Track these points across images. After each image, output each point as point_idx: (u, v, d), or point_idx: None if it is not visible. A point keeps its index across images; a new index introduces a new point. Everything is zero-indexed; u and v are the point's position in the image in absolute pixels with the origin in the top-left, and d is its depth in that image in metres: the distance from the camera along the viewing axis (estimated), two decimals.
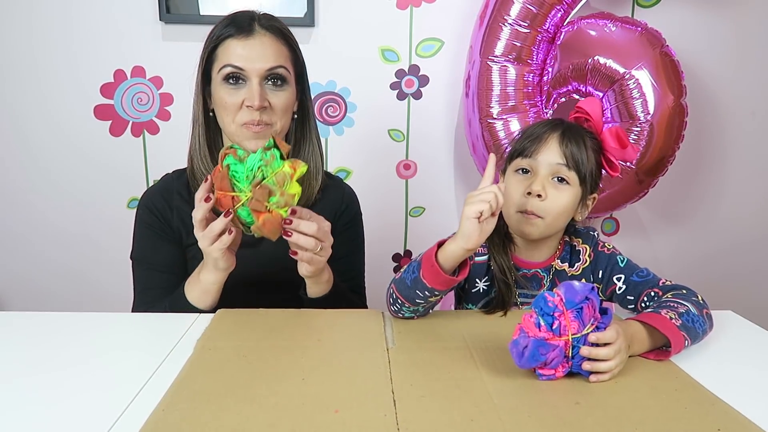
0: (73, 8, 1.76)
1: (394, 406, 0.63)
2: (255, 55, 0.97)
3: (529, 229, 0.92)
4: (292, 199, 0.83)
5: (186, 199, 1.04)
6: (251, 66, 0.96)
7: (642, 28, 1.59)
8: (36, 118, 1.83)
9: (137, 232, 1.06)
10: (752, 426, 0.61)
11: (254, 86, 0.96)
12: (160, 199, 1.05)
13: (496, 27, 1.62)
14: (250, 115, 0.97)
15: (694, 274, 2.01)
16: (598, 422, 0.61)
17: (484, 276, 0.98)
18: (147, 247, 1.04)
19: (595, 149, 0.94)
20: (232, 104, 0.97)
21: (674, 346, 0.75)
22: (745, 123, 1.92)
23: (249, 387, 0.66)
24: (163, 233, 1.04)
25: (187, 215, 0.99)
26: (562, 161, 0.89)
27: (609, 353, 0.69)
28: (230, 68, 0.96)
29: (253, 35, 0.97)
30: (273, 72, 0.98)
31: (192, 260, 1.03)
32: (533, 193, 0.89)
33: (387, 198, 1.94)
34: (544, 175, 0.90)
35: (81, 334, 0.85)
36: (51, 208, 1.90)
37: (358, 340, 0.82)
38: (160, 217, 1.03)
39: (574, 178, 0.91)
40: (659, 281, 0.90)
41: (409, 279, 0.82)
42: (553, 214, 0.90)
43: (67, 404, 0.65)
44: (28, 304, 1.95)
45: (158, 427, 0.58)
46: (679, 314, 0.78)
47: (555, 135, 0.91)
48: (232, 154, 0.83)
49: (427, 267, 0.79)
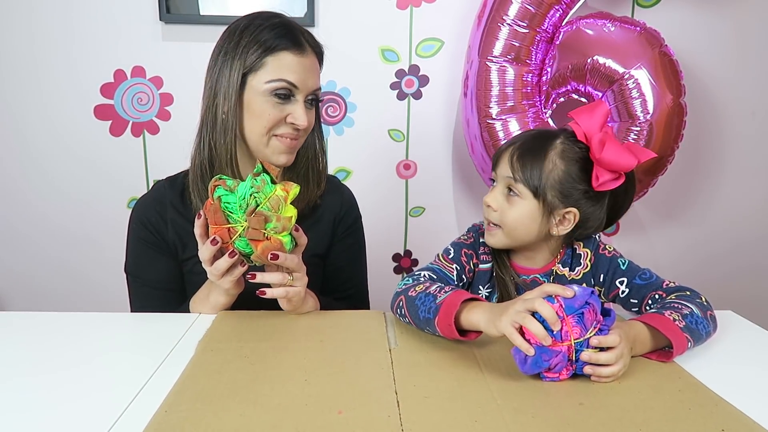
0: (73, 8, 1.75)
1: (397, 406, 0.63)
2: (308, 74, 0.96)
3: (489, 240, 0.93)
4: (288, 222, 0.81)
5: (180, 212, 1.00)
6: (304, 85, 0.95)
7: (641, 28, 1.59)
8: (36, 118, 1.83)
9: (131, 245, 1.02)
10: (756, 427, 0.61)
11: (302, 105, 0.95)
12: (154, 212, 1.00)
13: (494, 27, 1.62)
14: (290, 131, 0.96)
15: (695, 274, 2.02)
16: (602, 423, 0.61)
17: (487, 283, 0.98)
18: (142, 263, 1.01)
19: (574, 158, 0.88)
20: (275, 118, 0.95)
21: (676, 348, 0.74)
22: (745, 123, 1.93)
23: (251, 388, 0.66)
24: (158, 248, 1.00)
25: (183, 228, 0.99)
26: (510, 174, 0.89)
27: (610, 358, 0.69)
28: (284, 83, 0.93)
29: (307, 53, 0.96)
30: (314, 92, 0.98)
31: (189, 274, 1.01)
32: (485, 203, 0.92)
33: (387, 198, 1.94)
34: (499, 187, 0.92)
35: (81, 334, 0.85)
36: (51, 208, 1.89)
37: (361, 341, 0.81)
38: (154, 232, 1.00)
39: (524, 190, 0.88)
40: (663, 283, 0.90)
41: (422, 314, 0.80)
42: (509, 224, 0.90)
43: (67, 404, 0.64)
44: (28, 304, 1.95)
45: (161, 428, 0.58)
46: (683, 315, 0.78)
47: (512, 148, 0.91)
48: (222, 185, 0.81)
49: (444, 322, 0.76)
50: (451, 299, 0.77)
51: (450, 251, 0.97)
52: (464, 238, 1.00)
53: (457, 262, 0.95)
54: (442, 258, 0.97)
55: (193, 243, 0.93)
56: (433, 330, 0.79)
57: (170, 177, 1.06)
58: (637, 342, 0.75)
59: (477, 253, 0.98)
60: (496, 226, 0.91)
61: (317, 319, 0.90)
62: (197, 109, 0.99)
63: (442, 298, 0.78)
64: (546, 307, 0.68)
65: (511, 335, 0.69)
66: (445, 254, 0.97)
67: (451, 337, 0.77)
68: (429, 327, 0.80)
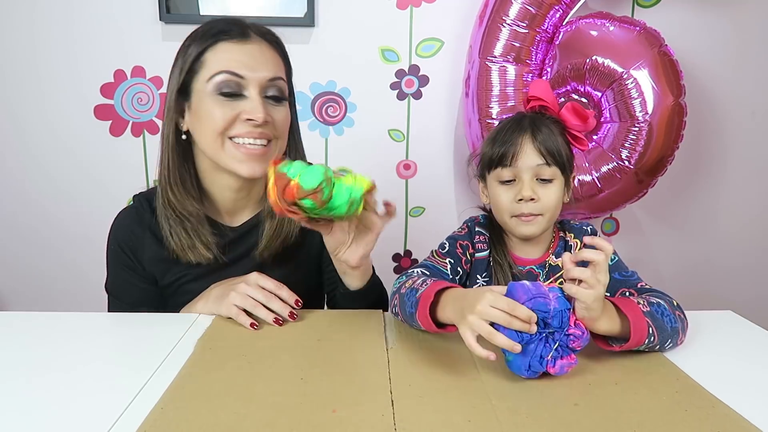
0: (73, 8, 1.76)
1: (392, 406, 0.63)
2: (255, 62, 0.85)
3: (531, 229, 0.94)
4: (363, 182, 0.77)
5: (159, 239, 0.93)
6: (252, 74, 0.84)
7: (641, 28, 1.59)
8: (36, 118, 1.83)
9: (110, 265, 0.98)
10: (753, 429, 0.60)
11: (255, 97, 0.84)
12: (131, 236, 0.95)
13: (495, 27, 1.62)
14: (247, 129, 0.85)
15: (695, 274, 2.01)
16: (597, 424, 0.61)
17: (485, 271, 0.99)
18: (120, 284, 0.98)
19: (560, 131, 0.95)
20: (224, 119, 0.84)
21: (635, 332, 0.71)
22: (745, 123, 1.92)
23: (247, 386, 0.67)
24: (135, 272, 0.96)
25: (159, 256, 0.93)
26: (542, 161, 0.91)
27: (588, 274, 0.68)
28: (226, 75, 0.83)
29: (251, 40, 0.86)
30: (274, 84, 0.87)
31: (172, 296, 0.97)
32: (525, 199, 0.91)
33: (387, 198, 1.93)
34: (528, 179, 0.92)
35: (81, 334, 0.85)
36: (51, 208, 1.90)
37: (358, 341, 0.82)
38: (131, 256, 0.95)
39: (556, 171, 0.93)
40: (638, 283, 0.90)
41: (408, 308, 0.79)
42: (550, 209, 0.93)
43: (67, 404, 0.65)
44: (29, 304, 1.95)
45: (157, 426, 0.58)
46: (649, 303, 0.77)
47: (526, 137, 0.92)
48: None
49: (422, 314, 0.75)
50: (427, 292, 0.75)
51: (445, 245, 0.98)
52: (458, 230, 1.02)
53: (451, 256, 0.96)
54: (436, 254, 0.97)
55: (174, 268, 0.92)
56: (418, 325, 0.78)
57: (148, 193, 0.99)
58: (606, 311, 0.72)
59: (473, 243, 0.99)
60: (536, 215, 0.93)
61: (316, 318, 0.90)
62: None
63: (420, 291, 0.77)
64: (497, 312, 0.65)
65: (470, 346, 0.66)
66: (440, 249, 0.98)
67: (432, 331, 0.76)
68: (414, 322, 0.78)
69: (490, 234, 1.00)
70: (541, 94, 0.96)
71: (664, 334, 0.76)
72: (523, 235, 0.95)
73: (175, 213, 0.90)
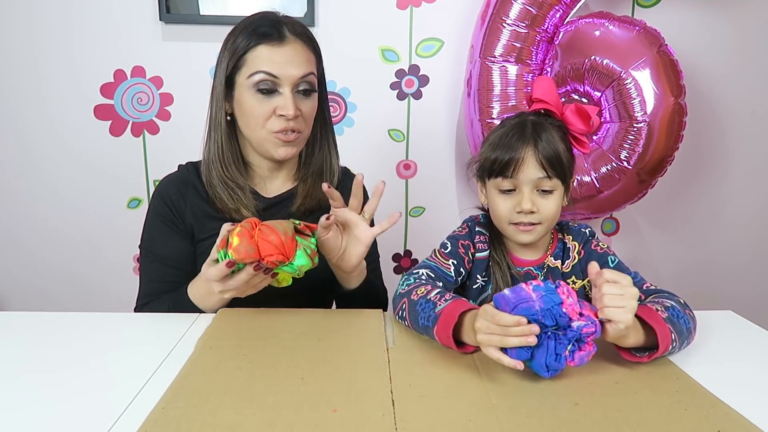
0: (73, 8, 1.76)
1: (392, 405, 0.63)
2: (288, 62, 0.96)
3: (529, 238, 0.94)
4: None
5: (202, 196, 1.03)
6: (285, 73, 0.96)
7: (641, 28, 1.59)
8: (36, 118, 1.83)
9: (149, 221, 1.05)
10: (753, 428, 0.60)
11: (287, 95, 0.96)
12: (176, 191, 1.04)
13: (495, 28, 1.63)
14: (282, 124, 0.97)
15: (695, 274, 2.01)
16: (597, 423, 0.61)
17: (484, 271, 0.99)
18: (157, 238, 1.04)
19: (561, 134, 0.94)
20: (262, 113, 0.97)
21: (662, 340, 0.72)
22: (745, 123, 1.92)
23: (248, 386, 0.67)
24: (174, 226, 1.03)
25: (201, 210, 1.03)
26: (543, 174, 0.90)
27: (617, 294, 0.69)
28: (263, 75, 0.95)
29: (285, 42, 0.97)
30: (304, 80, 0.98)
31: (202, 255, 1.01)
32: (524, 211, 0.91)
33: (387, 198, 1.91)
34: (528, 191, 0.91)
35: (81, 334, 0.85)
36: (50, 208, 1.90)
37: (359, 340, 0.82)
38: (174, 210, 1.03)
39: (557, 183, 0.92)
40: (643, 284, 0.89)
41: (422, 321, 0.79)
42: (549, 218, 0.93)
43: (67, 404, 0.65)
44: (28, 304, 1.95)
45: (157, 425, 0.58)
46: (665, 307, 0.77)
47: (529, 149, 0.89)
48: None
49: (443, 333, 0.75)
50: (449, 310, 0.76)
51: (447, 245, 0.98)
52: (459, 230, 1.01)
53: (454, 256, 0.96)
54: (439, 254, 0.97)
55: (213, 223, 0.99)
56: (433, 338, 0.78)
57: (194, 162, 1.09)
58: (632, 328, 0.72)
59: (473, 242, 0.99)
60: (534, 224, 0.92)
61: (316, 318, 0.90)
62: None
63: (441, 308, 0.77)
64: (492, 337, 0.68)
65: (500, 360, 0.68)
66: (442, 249, 0.98)
67: (450, 347, 0.76)
68: (428, 334, 0.79)
69: (490, 234, 1.00)
70: (545, 95, 0.95)
71: (682, 336, 0.76)
72: (521, 242, 0.95)
73: (224, 184, 1.02)
